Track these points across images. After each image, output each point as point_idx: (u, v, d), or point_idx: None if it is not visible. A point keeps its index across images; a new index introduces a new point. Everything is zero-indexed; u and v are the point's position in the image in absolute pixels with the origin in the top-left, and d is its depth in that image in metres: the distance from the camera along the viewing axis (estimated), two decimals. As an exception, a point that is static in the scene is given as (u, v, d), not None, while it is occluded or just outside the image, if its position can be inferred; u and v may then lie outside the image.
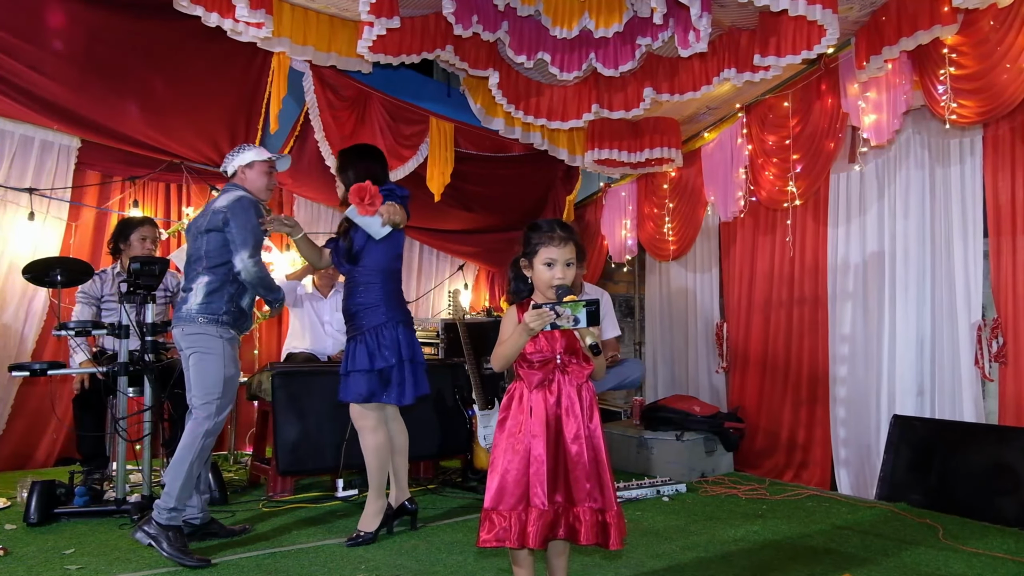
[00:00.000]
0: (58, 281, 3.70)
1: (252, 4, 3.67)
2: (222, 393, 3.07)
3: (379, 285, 3.26)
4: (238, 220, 3.13)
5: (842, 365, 4.42)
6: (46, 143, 4.62)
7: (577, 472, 2.17)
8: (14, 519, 3.47)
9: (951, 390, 3.86)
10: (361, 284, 3.25)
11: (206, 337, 3.08)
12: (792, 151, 4.46)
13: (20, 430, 4.65)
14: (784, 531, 3.37)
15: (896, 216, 4.16)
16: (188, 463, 2.98)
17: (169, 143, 4.79)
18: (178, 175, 5.09)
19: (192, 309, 3.10)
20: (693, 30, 3.62)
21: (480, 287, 6.72)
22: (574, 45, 4.31)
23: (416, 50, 4.13)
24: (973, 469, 3.61)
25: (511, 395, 2.26)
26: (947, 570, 2.83)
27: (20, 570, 2.81)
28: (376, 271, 3.26)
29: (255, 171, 3.32)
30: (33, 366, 3.54)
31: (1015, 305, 3.60)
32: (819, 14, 3.29)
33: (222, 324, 3.11)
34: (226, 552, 3.03)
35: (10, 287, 4.51)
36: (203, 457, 3.07)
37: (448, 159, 5.17)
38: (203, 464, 3.13)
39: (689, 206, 5.35)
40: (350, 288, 3.30)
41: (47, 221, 4.68)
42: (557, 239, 2.21)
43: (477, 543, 2.16)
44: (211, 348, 3.07)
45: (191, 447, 3.00)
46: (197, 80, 4.54)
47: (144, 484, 3.60)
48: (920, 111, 3.97)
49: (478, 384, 4.22)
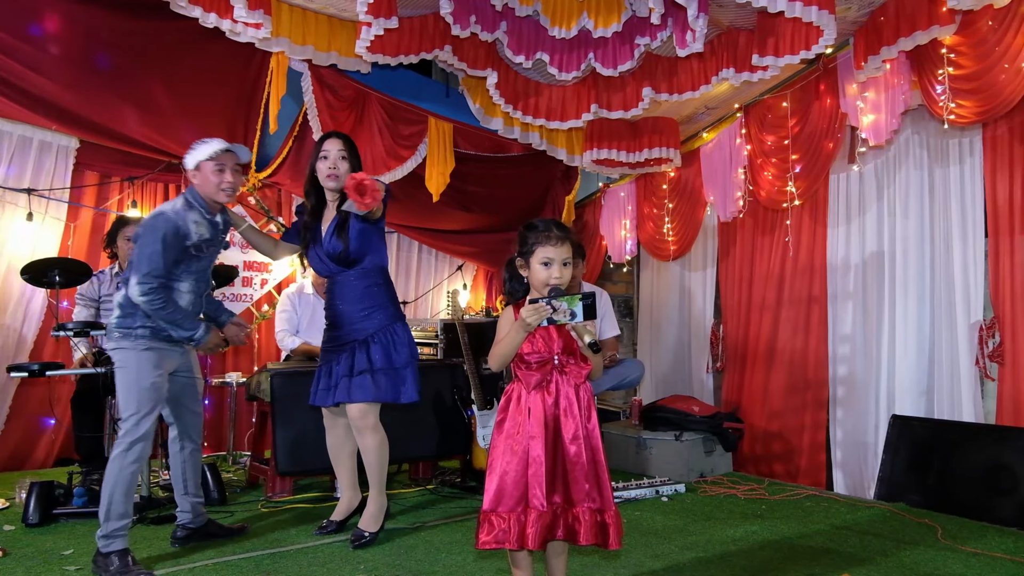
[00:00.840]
0: (56, 282, 3.71)
1: (250, 4, 3.67)
2: (136, 408, 2.84)
3: (384, 285, 3.23)
4: (140, 242, 2.90)
5: (841, 365, 4.42)
6: (44, 143, 4.61)
7: (576, 473, 2.17)
8: (13, 520, 3.47)
9: (950, 390, 3.86)
10: (366, 285, 3.16)
11: (120, 352, 2.90)
12: (791, 151, 4.46)
13: (18, 431, 4.64)
14: (783, 531, 3.37)
15: (896, 216, 4.16)
16: (110, 486, 2.80)
17: (167, 143, 4.79)
18: (176, 175, 5.08)
19: (111, 323, 2.95)
20: (690, 30, 3.62)
21: (479, 287, 6.72)
22: (573, 45, 4.31)
23: (415, 50, 4.13)
24: (971, 469, 3.61)
25: (509, 396, 2.26)
26: (945, 570, 2.83)
27: (19, 571, 2.82)
28: (380, 270, 3.22)
29: (203, 171, 3.03)
30: (31, 367, 3.54)
31: (1013, 305, 3.61)
32: (815, 15, 3.29)
33: (137, 337, 2.91)
34: (226, 552, 3.03)
35: (9, 288, 4.51)
36: (129, 480, 2.83)
37: (447, 159, 5.17)
38: (131, 487, 2.86)
39: (689, 206, 5.35)
40: (350, 291, 3.17)
41: (45, 221, 4.67)
42: (554, 238, 2.21)
43: (476, 545, 2.16)
44: (125, 361, 2.89)
45: (111, 470, 2.82)
46: (195, 79, 4.54)
47: (143, 485, 3.60)
48: (919, 111, 3.97)
49: (477, 384, 4.22)
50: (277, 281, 5.60)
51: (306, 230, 3.25)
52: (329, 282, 3.26)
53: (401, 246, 6.24)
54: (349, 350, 3.15)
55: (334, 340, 3.21)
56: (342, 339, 3.17)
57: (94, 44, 4.14)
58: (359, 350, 3.13)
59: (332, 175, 3.17)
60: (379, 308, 3.17)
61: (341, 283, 3.20)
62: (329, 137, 3.26)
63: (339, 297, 3.20)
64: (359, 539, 3.14)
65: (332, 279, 3.23)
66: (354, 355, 3.13)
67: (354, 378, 3.11)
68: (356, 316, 3.15)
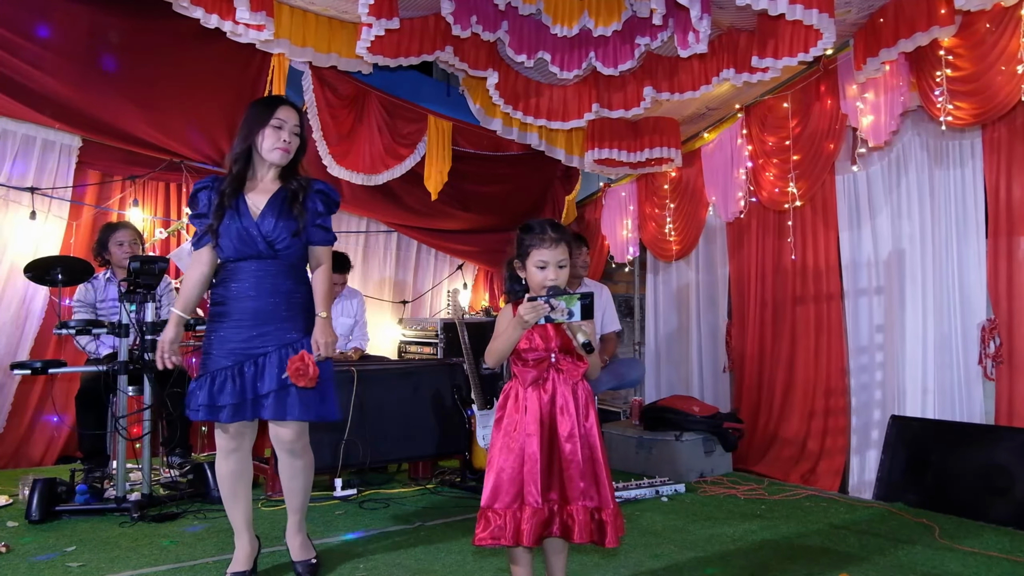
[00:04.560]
0: (59, 280, 3.72)
1: (253, 6, 3.69)
2: None
3: (308, 285, 2.76)
4: None
5: (847, 366, 4.42)
6: (48, 142, 4.62)
7: (571, 471, 2.18)
8: (16, 516, 3.48)
9: (955, 391, 3.87)
10: (295, 282, 2.69)
11: None
12: (792, 152, 4.47)
13: (20, 428, 4.66)
14: (782, 531, 3.38)
15: (903, 217, 4.17)
16: None
17: (168, 141, 4.80)
18: (178, 174, 5.10)
19: None
20: (693, 31, 3.63)
21: (479, 287, 6.73)
22: (574, 44, 4.32)
23: (415, 52, 4.14)
24: (969, 469, 3.62)
25: (507, 394, 2.28)
26: (943, 569, 2.84)
27: (22, 567, 2.83)
28: (306, 269, 2.78)
29: None
30: (34, 364, 3.55)
31: (1011, 306, 3.62)
32: (815, 18, 3.30)
33: None
34: (227, 551, 3.04)
35: (11, 286, 4.52)
36: None
37: (446, 158, 5.18)
38: None
39: (691, 206, 5.36)
40: (273, 285, 2.64)
41: (48, 220, 4.69)
42: (549, 241, 2.22)
43: (473, 541, 2.17)
44: None
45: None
46: (197, 78, 4.56)
47: (144, 483, 3.62)
48: (922, 113, 3.98)
49: (477, 384, 4.23)
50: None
51: (222, 201, 2.62)
52: (236, 268, 2.64)
53: (401, 246, 6.25)
54: (266, 358, 2.59)
55: (246, 342, 2.59)
56: (256, 343, 2.59)
57: (97, 43, 4.16)
58: (277, 358, 2.58)
59: (284, 149, 2.66)
60: (302, 312, 2.67)
61: (262, 272, 2.62)
62: (283, 104, 2.72)
63: (256, 289, 2.61)
64: (312, 570, 2.77)
65: (245, 264, 2.62)
66: (277, 364, 2.58)
67: (287, 392, 2.58)
68: (279, 316, 2.61)
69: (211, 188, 2.68)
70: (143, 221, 5.07)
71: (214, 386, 2.56)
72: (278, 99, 2.82)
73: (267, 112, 2.66)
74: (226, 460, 2.69)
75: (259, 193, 2.68)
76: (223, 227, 2.60)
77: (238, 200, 2.63)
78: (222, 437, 2.67)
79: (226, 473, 2.69)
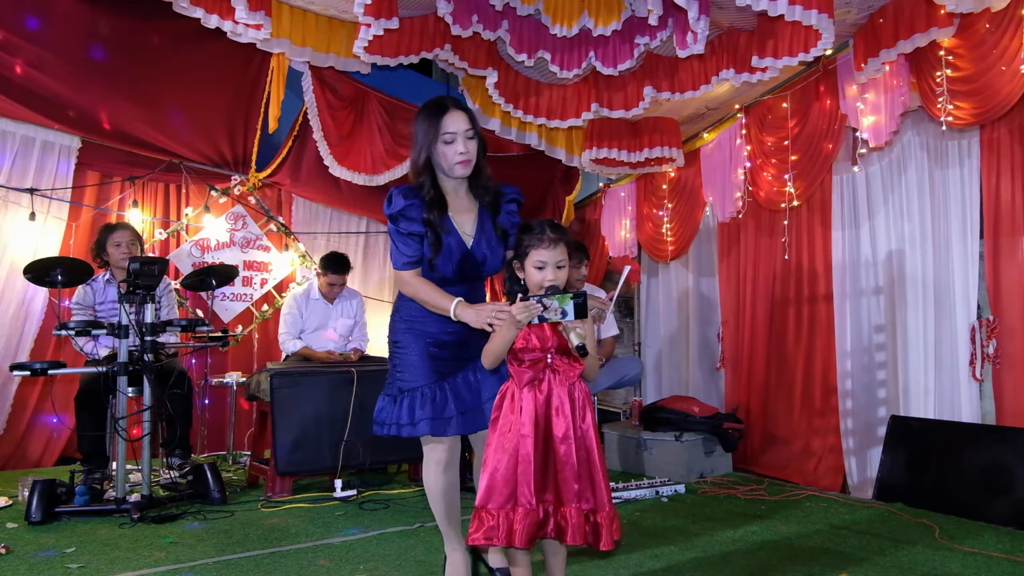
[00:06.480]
0: (58, 281, 3.72)
1: (251, 6, 3.69)
2: None
3: None
4: None
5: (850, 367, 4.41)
6: (47, 143, 4.62)
7: (565, 472, 2.18)
8: (16, 518, 3.49)
9: (955, 391, 3.87)
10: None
11: None
12: (791, 152, 4.47)
13: (20, 429, 4.66)
14: (782, 531, 3.38)
15: (901, 218, 4.17)
16: None
17: (168, 142, 4.81)
18: (177, 175, 5.10)
19: None
20: (691, 32, 3.63)
21: (479, 287, 6.72)
22: (573, 44, 4.32)
23: (415, 50, 4.14)
24: (969, 469, 3.62)
25: (503, 394, 2.28)
26: (943, 569, 2.84)
27: (22, 568, 2.83)
28: None
29: None
30: (34, 365, 3.55)
31: (1009, 306, 3.62)
32: (815, 19, 3.30)
33: None
34: (227, 551, 3.04)
35: (10, 287, 4.52)
36: None
37: (446, 157, 5.17)
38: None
39: (687, 206, 5.36)
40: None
41: (47, 221, 4.69)
42: (547, 241, 2.23)
43: (467, 540, 2.17)
44: None
45: None
46: (196, 78, 4.56)
47: (144, 484, 3.62)
48: (922, 113, 3.98)
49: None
50: (277, 280, 5.62)
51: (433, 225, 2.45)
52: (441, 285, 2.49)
53: (401, 246, 6.24)
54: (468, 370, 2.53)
55: (456, 359, 2.52)
56: (464, 357, 2.52)
57: (96, 42, 4.16)
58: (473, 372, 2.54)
59: (465, 161, 2.45)
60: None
61: (471, 297, 2.48)
62: (448, 111, 2.45)
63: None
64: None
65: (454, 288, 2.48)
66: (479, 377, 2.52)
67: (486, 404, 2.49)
68: (477, 335, 2.42)
69: (418, 203, 2.45)
70: (142, 222, 5.07)
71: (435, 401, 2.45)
72: (442, 107, 2.49)
73: (433, 128, 2.44)
74: (444, 474, 2.55)
75: (460, 213, 2.52)
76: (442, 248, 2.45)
77: (443, 219, 2.46)
78: (439, 450, 2.52)
79: (446, 486, 2.57)
